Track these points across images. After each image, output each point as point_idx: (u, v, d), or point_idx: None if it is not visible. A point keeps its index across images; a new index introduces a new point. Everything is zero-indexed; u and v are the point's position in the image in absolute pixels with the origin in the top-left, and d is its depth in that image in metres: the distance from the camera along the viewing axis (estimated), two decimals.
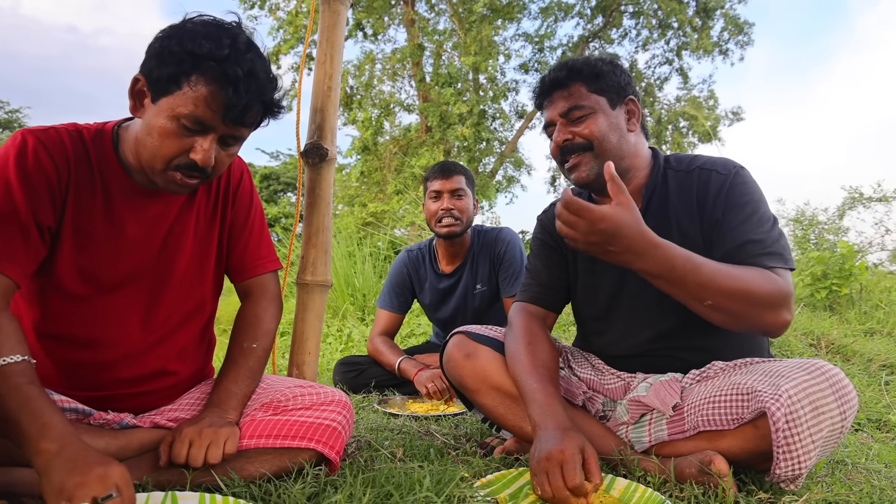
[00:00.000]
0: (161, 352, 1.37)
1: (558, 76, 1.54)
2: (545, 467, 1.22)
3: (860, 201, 11.82)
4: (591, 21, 16.75)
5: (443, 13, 16.47)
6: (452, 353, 1.67)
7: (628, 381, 1.61)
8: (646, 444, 1.45)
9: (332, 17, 1.93)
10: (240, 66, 1.13)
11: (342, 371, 2.87)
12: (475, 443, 1.77)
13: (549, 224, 1.73)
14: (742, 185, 1.44)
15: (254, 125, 1.25)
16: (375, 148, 16.22)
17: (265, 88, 1.19)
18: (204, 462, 1.18)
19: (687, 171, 1.53)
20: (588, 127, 1.49)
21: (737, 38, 15.94)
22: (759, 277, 1.29)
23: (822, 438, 1.19)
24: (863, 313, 4.81)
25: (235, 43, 1.15)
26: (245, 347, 1.41)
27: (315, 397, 1.39)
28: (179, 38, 1.14)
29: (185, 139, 1.17)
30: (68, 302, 1.27)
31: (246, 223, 1.49)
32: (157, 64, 1.14)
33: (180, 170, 1.20)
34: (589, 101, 1.50)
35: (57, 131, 1.23)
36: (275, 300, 1.52)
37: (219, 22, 1.19)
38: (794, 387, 1.20)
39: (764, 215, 1.41)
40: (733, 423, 1.30)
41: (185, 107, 1.14)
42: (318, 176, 1.91)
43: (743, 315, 1.28)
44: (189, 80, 1.13)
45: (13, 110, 24.00)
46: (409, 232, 9.16)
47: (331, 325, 5.35)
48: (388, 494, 1.17)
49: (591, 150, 1.50)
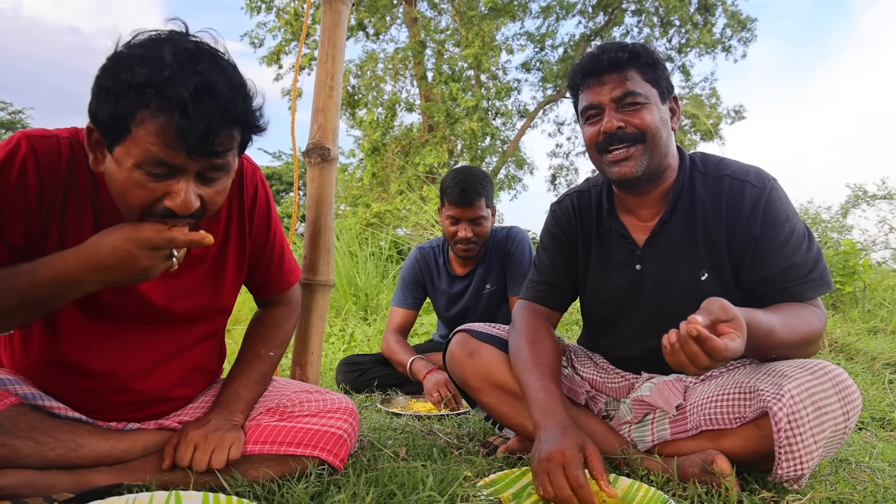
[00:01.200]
0: (166, 378, 1.31)
1: (618, 56, 1.40)
2: (546, 468, 1.21)
3: (864, 199, 11.77)
4: (592, 19, 16.75)
5: (445, 12, 16.48)
6: (455, 351, 1.67)
7: (632, 381, 1.60)
8: (648, 444, 1.45)
9: (333, 17, 1.94)
10: (185, 85, 0.93)
11: (345, 371, 2.87)
12: (478, 442, 1.77)
13: (562, 217, 1.67)
14: (778, 202, 1.40)
15: (230, 150, 1.04)
16: (385, 148, 16.22)
17: (229, 102, 0.98)
18: (208, 467, 1.18)
19: (715, 176, 1.46)
20: (643, 117, 1.39)
21: (739, 35, 15.93)
22: (813, 321, 1.32)
23: (825, 439, 1.19)
24: (866, 311, 4.79)
25: (178, 57, 0.95)
26: (262, 354, 1.41)
27: (321, 404, 1.38)
28: (113, 71, 0.96)
29: (155, 185, 0.99)
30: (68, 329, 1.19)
31: (266, 243, 1.39)
32: (97, 107, 0.98)
33: (163, 217, 1.02)
34: (645, 90, 1.41)
35: (57, 139, 1.10)
36: (296, 309, 1.51)
37: (157, 37, 0.99)
38: (796, 387, 1.19)
39: (801, 233, 1.38)
40: (735, 423, 1.30)
41: (140, 151, 0.96)
42: (321, 175, 1.91)
43: (798, 355, 1.33)
44: (134, 120, 0.95)
45: (16, 111, 24.03)
46: (411, 232, 9.16)
47: (333, 324, 5.35)
48: (391, 494, 1.17)
49: (643, 143, 1.40)
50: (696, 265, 1.44)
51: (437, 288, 2.88)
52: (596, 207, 1.62)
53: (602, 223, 1.59)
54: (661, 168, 1.45)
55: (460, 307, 2.82)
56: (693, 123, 16.87)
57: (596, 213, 1.61)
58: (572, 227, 1.64)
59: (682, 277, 1.46)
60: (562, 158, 18.96)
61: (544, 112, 18.28)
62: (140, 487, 1.17)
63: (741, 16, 15.63)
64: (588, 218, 1.63)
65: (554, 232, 1.68)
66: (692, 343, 1.04)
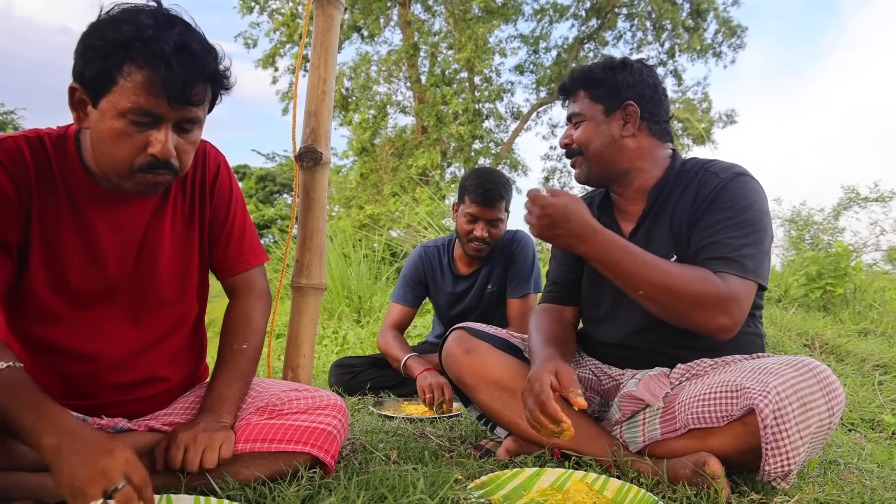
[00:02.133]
0: (150, 359, 1.36)
1: (564, 84, 1.67)
2: (523, 398, 1.37)
3: (856, 201, 11.83)
4: (585, 22, 16.82)
5: (438, 14, 16.52)
6: (452, 348, 1.69)
7: (619, 380, 1.62)
8: (640, 444, 1.46)
9: (326, 22, 1.94)
10: (167, 41, 1.06)
11: (337, 373, 2.87)
12: (470, 445, 1.78)
13: None
14: (734, 190, 1.45)
15: (203, 102, 1.17)
16: (373, 149, 16.23)
17: (203, 60, 1.12)
18: (199, 467, 1.18)
19: (694, 171, 1.57)
20: (579, 133, 1.61)
21: (730, 41, 16.06)
22: (695, 276, 1.34)
23: (811, 434, 1.20)
24: (857, 313, 4.83)
25: (158, 21, 1.09)
26: (235, 349, 1.40)
27: (310, 401, 1.39)
28: (100, 32, 1.07)
29: (137, 136, 1.11)
30: (49, 315, 1.24)
31: (226, 218, 1.44)
32: (85, 64, 1.08)
33: (146, 171, 1.14)
34: (584, 109, 1.61)
35: (15, 140, 1.18)
36: (262, 296, 1.48)
37: (137, 6, 1.12)
38: (781, 383, 1.21)
39: (744, 222, 1.40)
40: (723, 421, 1.31)
41: (127, 100, 1.07)
42: (313, 179, 1.91)
43: (672, 310, 1.36)
44: (121, 72, 1.06)
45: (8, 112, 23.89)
46: (405, 234, 9.17)
47: (326, 326, 5.35)
48: (382, 497, 1.17)
49: (581, 155, 1.62)
50: (667, 250, 1.51)
51: (439, 287, 2.88)
52: (598, 207, 1.74)
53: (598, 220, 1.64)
54: (614, 173, 1.61)
55: (463, 307, 2.83)
56: (685, 127, 16.95)
57: (597, 215, 1.71)
58: None
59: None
60: (555, 161, 19.02)
61: (538, 114, 18.35)
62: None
63: (732, 23, 15.76)
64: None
65: None
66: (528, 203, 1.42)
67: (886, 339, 4.00)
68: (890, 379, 2.86)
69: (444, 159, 15.76)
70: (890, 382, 2.80)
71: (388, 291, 6.04)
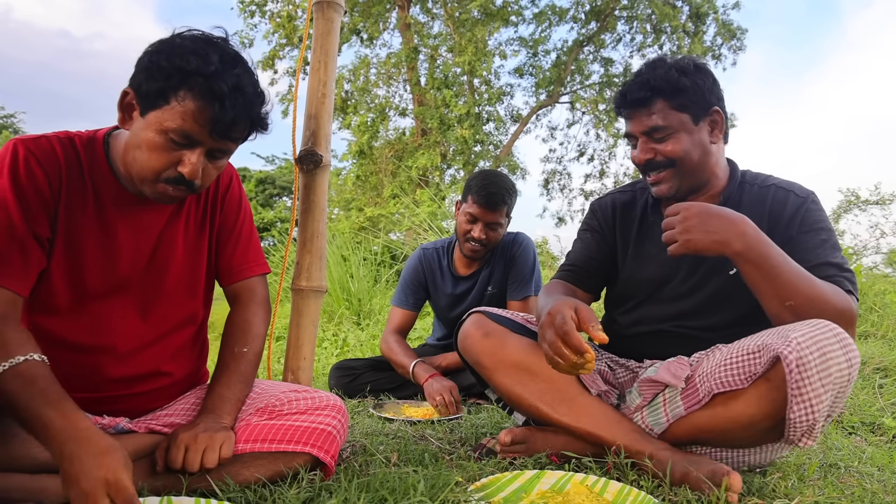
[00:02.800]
0: (154, 353, 1.38)
1: (640, 97, 1.52)
2: (542, 332, 1.35)
3: (856, 204, 11.84)
4: (585, 25, 16.85)
5: (437, 17, 16.54)
6: (470, 330, 1.68)
7: (636, 371, 1.65)
8: (664, 425, 1.47)
9: (325, 25, 1.95)
10: (226, 81, 1.15)
11: (337, 376, 2.87)
12: (469, 447, 1.78)
13: (599, 211, 1.81)
14: (818, 211, 1.51)
15: (241, 139, 1.27)
16: (371, 152, 16.25)
17: (252, 103, 1.21)
18: (200, 467, 1.19)
19: (762, 185, 1.57)
20: (670, 146, 1.51)
21: (729, 44, 16.08)
22: (840, 294, 1.35)
23: (832, 383, 1.20)
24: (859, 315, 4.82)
25: (223, 58, 1.17)
26: (236, 352, 1.42)
27: (310, 402, 1.39)
28: (168, 54, 1.16)
29: (172, 153, 1.19)
30: (58, 307, 1.27)
31: (234, 227, 1.50)
32: (145, 78, 1.16)
33: (169, 183, 1.22)
34: (671, 121, 1.51)
35: (48, 140, 1.24)
36: (263, 304, 1.52)
37: (207, 37, 1.21)
38: (801, 335, 1.23)
39: (837, 243, 1.46)
40: (747, 381, 1.32)
41: (173, 121, 1.15)
42: (313, 182, 1.92)
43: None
44: (177, 95, 1.15)
45: (8, 115, 23.95)
46: (404, 236, 9.17)
47: (326, 329, 5.35)
48: (382, 499, 1.18)
49: (673, 167, 1.54)
50: (727, 261, 1.48)
51: (439, 289, 2.88)
52: (641, 205, 1.73)
53: (646, 218, 1.72)
54: (700, 182, 1.58)
55: (463, 308, 2.82)
56: None
57: (641, 210, 1.73)
58: (608, 220, 1.78)
59: (711, 271, 1.58)
60: (555, 163, 19.05)
61: (537, 117, 18.38)
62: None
63: (731, 25, 15.79)
64: (629, 213, 1.76)
65: (590, 223, 1.83)
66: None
67: (887, 342, 4.00)
68: (890, 382, 2.86)
69: (443, 161, 15.78)
70: (890, 386, 2.80)
71: (387, 294, 6.04)
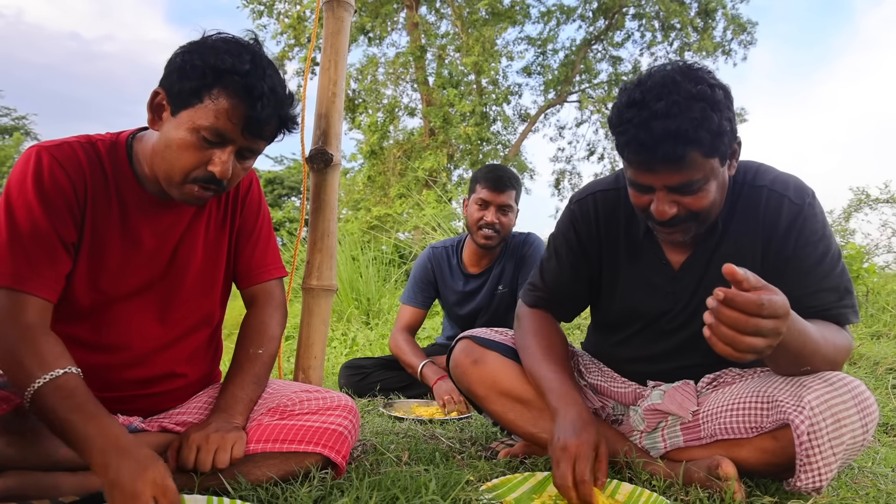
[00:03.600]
0: (171, 355, 1.39)
1: (676, 153, 1.18)
2: (559, 456, 1.24)
3: (867, 202, 11.73)
4: (593, 23, 16.78)
5: (445, 17, 16.52)
6: (459, 359, 1.65)
7: (637, 390, 1.58)
8: (661, 451, 1.45)
9: (335, 24, 1.95)
10: (260, 80, 1.17)
11: (347, 375, 2.88)
12: (480, 447, 1.77)
13: (581, 220, 1.53)
14: (814, 221, 1.33)
15: (270, 139, 1.28)
16: (382, 152, 16.26)
17: (283, 103, 1.23)
18: (212, 467, 1.19)
19: (752, 185, 1.38)
20: (699, 200, 1.26)
21: (739, 38, 15.96)
22: (845, 343, 1.28)
23: (843, 451, 1.18)
24: (869, 316, 4.78)
25: (256, 59, 1.20)
26: (251, 353, 1.42)
27: (321, 402, 1.39)
28: (201, 53, 1.17)
29: (203, 152, 1.19)
30: (79, 310, 1.28)
31: (253, 230, 1.50)
32: (178, 78, 1.17)
33: (197, 182, 1.22)
34: (704, 172, 1.23)
35: (71, 146, 1.24)
36: (280, 307, 1.53)
37: (239, 39, 1.23)
38: (816, 398, 1.18)
39: (834, 254, 1.33)
40: (752, 432, 1.29)
41: (206, 119, 1.16)
42: (324, 181, 1.92)
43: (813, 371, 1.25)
44: (210, 94, 1.16)
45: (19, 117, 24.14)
46: (412, 236, 9.17)
47: (335, 329, 5.36)
48: (394, 498, 1.17)
49: (695, 220, 1.31)
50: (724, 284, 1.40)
51: (448, 286, 2.88)
52: (626, 214, 1.49)
53: (634, 235, 1.49)
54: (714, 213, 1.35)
55: (473, 306, 2.83)
56: None
57: (626, 221, 1.50)
58: (590, 233, 1.53)
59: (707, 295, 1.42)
60: (564, 163, 18.99)
61: (546, 116, 18.32)
62: None
63: (741, 19, 15.67)
64: (613, 222, 1.51)
65: (568, 237, 1.56)
66: (724, 308, 0.96)
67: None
68: None
69: (450, 162, 15.77)
70: None
71: (396, 293, 6.04)
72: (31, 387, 1.07)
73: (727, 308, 0.97)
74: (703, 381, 1.49)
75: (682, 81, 1.19)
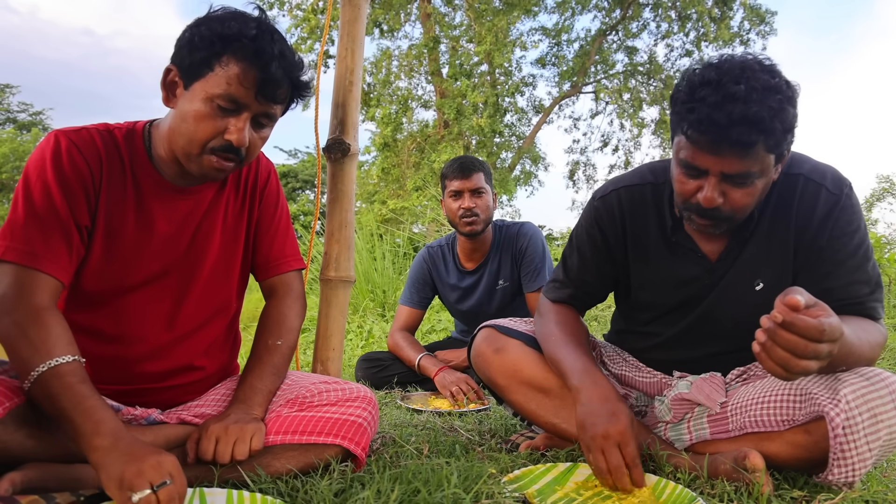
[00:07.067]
0: (188, 347, 1.39)
1: (749, 140, 1.14)
2: (601, 444, 1.24)
3: (890, 191, 11.54)
4: (609, 14, 16.62)
5: (458, 8, 16.44)
6: (481, 347, 1.63)
7: (663, 380, 1.57)
8: (686, 443, 1.43)
9: (352, 12, 1.93)
10: (270, 44, 1.18)
11: (364, 367, 2.88)
12: (500, 439, 1.76)
13: (605, 215, 1.51)
14: (851, 212, 1.30)
15: (284, 103, 1.28)
16: (395, 144, 16.26)
17: (293, 66, 1.23)
18: (231, 458, 1.18)
19: (788, 173, 1.34)
20: (746, 195, 1.24)
21: (758, 28, 15.71)
22: (879, 339, 1.26)
23: (879, 447, 1.15)
24: (892, 307, 4.70)
25: (262, 25, 1.21)
26: (270, 344, 1.42)
27: (340, 394, 1.38)
28: (208, 25, 1.19)
29: (219, 120, 1.19)
30: (94, 299, 1.28)
31: (272, 222, 1.50)
32: (188, 51, 1.18)
33: (216, 153, 1.22)
34: (761, 165, 1.20)
35: (88, 131, 1.25)
36: (299, 298, 1.52)
37: (243, 12, 1.24)
38: (852, 391, 1.16)
39: (868, 247, 1.31)
40: (784, 425, 1.27)
41: (219, 86, 1.17)
42: (341, 171, 1.90)
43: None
44: (220, 61, 1.17)
45: (36, 112, 24.42)
46: (428, 228, 9.16)
47: (351, 321, 5.37)
48: (415, 491, 1.16)
49: (731, 220, 1.30)
50: (753, 275, 1.38)
51: (446, 283, 2.89)
52: (656, 212, 1.46)
53: (664, 231, 1.46)
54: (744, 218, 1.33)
55: (473, 302, 2.83)
56: None
57: (657, 219, 1.46)
58: (614, 229, 1.50)
59: (737, 288, 1.40)
60: (578, 154, 18.87)
61: (560, 108, 18.20)
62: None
63: (760, 9, 15.42)
64: (639, 219, 1.48)
65: (591, 234, 1.54)
66: (782, 332, 0.95)
67: None
68: None
69: (466, 153, 15.75)
70: None
71: None
72: (33, 373, 1.07)
73: (786, 332, 0.96)
74: (733, 374, 1.46)
75: (759, 71, 1.17)
